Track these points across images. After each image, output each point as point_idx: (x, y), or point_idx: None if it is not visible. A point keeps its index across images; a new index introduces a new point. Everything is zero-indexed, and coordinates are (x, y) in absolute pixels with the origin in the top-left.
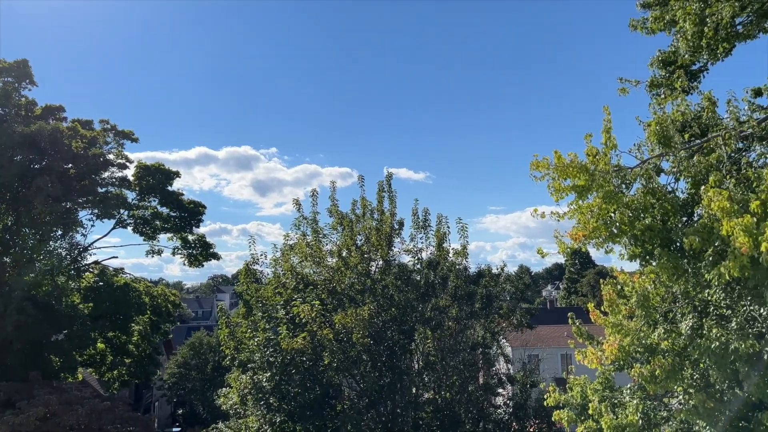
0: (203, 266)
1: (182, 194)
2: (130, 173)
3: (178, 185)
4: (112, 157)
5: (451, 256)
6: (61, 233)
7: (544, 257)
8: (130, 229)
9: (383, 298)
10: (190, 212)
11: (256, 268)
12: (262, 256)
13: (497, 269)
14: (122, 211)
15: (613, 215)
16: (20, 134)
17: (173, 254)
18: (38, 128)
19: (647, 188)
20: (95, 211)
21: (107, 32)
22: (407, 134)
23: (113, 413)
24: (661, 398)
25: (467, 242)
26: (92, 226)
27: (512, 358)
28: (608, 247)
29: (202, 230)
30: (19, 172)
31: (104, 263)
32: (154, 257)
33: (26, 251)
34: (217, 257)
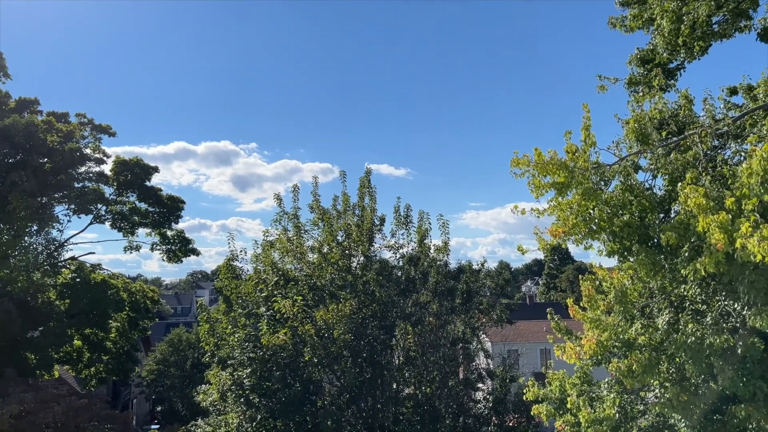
0: (182, 262)
1: (161, 189)
2: (107, 168)
3: (156, 180)
4: (89, 151)
5: (432, 252)
6: (36, 229)
7: (524, 254)
8: (107, 224)
9: (364, 294)
10: (168, 208)
11: (236, 264)
12: (242, 252)
13: (477, 265)
14: (99, 206)
15: (592, 212)
16: None
17: (152, 250)
18: (12, 122)
19: (625, 185)
20: (72, 206)
21: (84, 25)
22: (388, 130)
23: (90, 411)
24: (637, 392)
25: (448, 238)
26: (69, 221)
27: (492, 353)
28: (587, 243)
29: (181, 226)
30: None
31: (81, 259)
32: (132, 253)
33: (1, 247)
34: (196, 253)
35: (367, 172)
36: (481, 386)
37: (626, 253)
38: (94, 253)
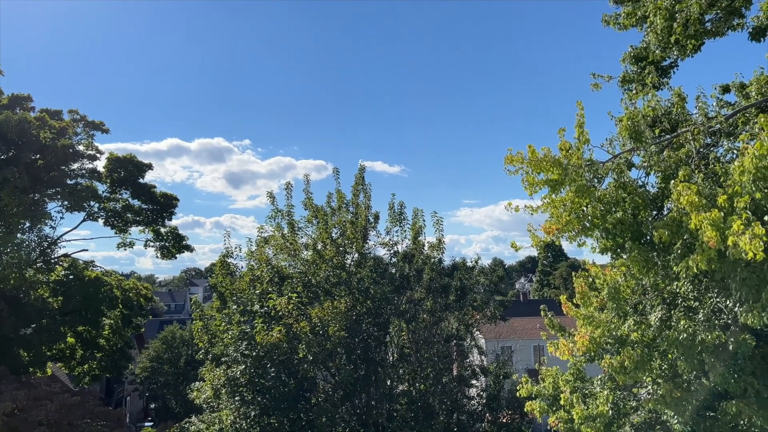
0: (176, 259)
1: (154, 186)
2: (100, 165)
3: (149, 177)
4: (82, 148)
5: (426, 249)
6: (29, 225)
7: (517, 251)
8: (100, 221)
9: (358, 291)
10: (162, 205)
11: (230, 261)
12: (236, 249)
13: (471, 262)
14: (92, 203)
15: (585, 209)
16: None
17: (145, 247)
18: (4, 118)
19: (619, 182)
20: (64, 203)
21: (77, 22)
22: (383, 127)
23: (83, 408)
24: (630, 389)
25: (442, 235)
26: (61, 218)
27: (486, 349)
28: (581, 240)
29: (174, 223)
30: None
31: (74, 256)
32: (125, 250)
33: None
34: (190, 249)
35: (361, 169)
36: (474, 383)
37: (619, 250)
38: (87, 250)
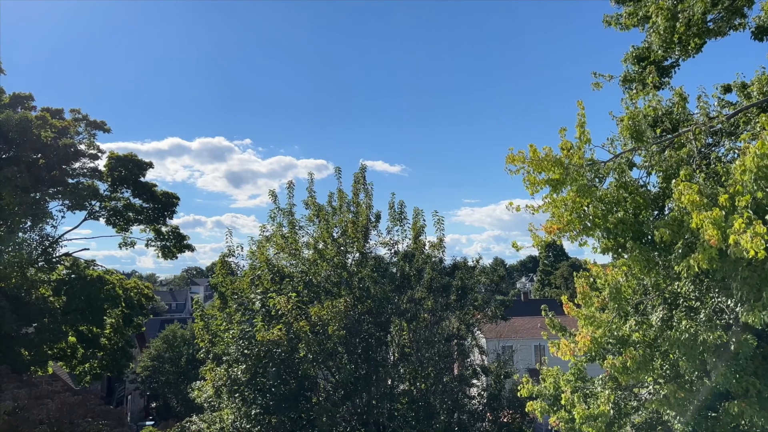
0: (177, 258)
1: (155, 185)
2: (101, 164)
3: (150, 176)
4: (83, 147)
5: (427, 248)
6: (30, 224)
7: (518, 250)
8: (102, 220)
9: (359, 290)
10: (163, 204)
11: (231, 260)
12: (237, 248)
13: (472, 262)
14: (94, 202)
15: (586, 209)
16: None
17: (146, 246)
18: (6, 117)
19: (620, 182)
20: (66, 202)
21: (79, 21)
22: (383, 127)
23: (84, 407)
24: (631, 389)
25: (443, 235)
26: (63, 217)
27: (486, 349)
28: (582, 240)
29: (175, 222)
30: None
31: (75, 255)
32: (127, 249)
33: None
34: (191, 249)
35: (361, 168)
36: (475, 382)
37: (620, 249)
38: (88, 249)
